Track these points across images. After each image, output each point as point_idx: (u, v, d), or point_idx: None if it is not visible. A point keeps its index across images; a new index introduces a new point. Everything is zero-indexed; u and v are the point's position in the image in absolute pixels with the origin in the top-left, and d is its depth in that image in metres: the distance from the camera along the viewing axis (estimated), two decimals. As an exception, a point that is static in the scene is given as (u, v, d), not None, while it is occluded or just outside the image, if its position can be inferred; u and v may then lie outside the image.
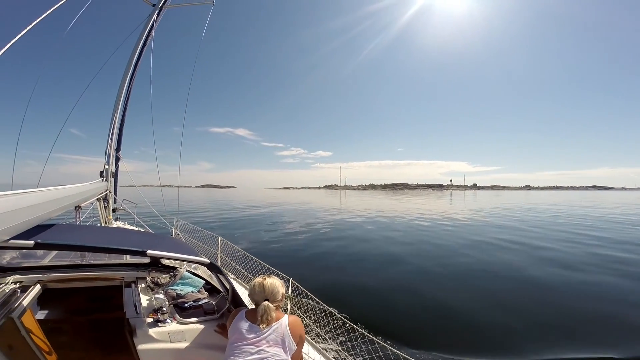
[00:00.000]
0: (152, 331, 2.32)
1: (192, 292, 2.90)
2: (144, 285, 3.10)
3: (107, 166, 5.80)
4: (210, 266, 2.39)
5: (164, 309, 2.46)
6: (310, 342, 3.16)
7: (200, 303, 2.72)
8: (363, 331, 3.33)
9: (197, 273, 3.39)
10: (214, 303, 2.73)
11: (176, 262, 3.45)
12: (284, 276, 3.96)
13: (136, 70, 6.95)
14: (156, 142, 7.77)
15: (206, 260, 2.34)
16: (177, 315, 2.51)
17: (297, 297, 4.49)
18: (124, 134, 7.00)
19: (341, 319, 3.69)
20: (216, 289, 3.13)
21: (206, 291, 3.04)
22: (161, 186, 7.40)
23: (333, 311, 3.83)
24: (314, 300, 3.95)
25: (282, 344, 1.91)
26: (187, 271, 3.30)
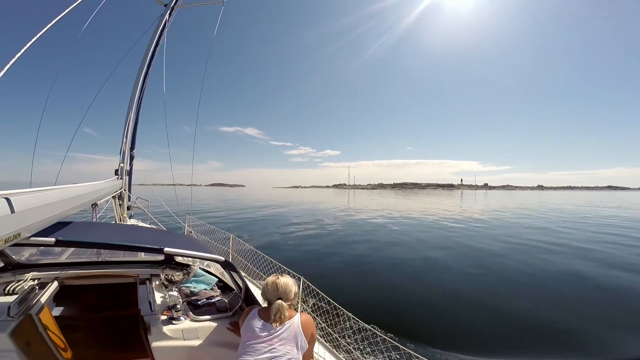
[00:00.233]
0: (166, 328, 2.34)
1: (205, 289, 2.92)
2: (157, 283, 3.13)
3: (122, 164, 5.91)
4: (225, 264, 2.39)
5: (178, 307, 2.48)
6: (320, 341, 3.14)
7: (213, 301, 2.74)
8: (376, 331, 3.29)
9: (210, 271, 3.42)
10: (226, 301, 2.74)
11: (189, 259, 3.48)
12: (295, 274, 3.96)
13: (150, 70, 7.05)
14: (165, 142, 7.89)
15: (221, 258, 2.35)
16: (190, 312, 2.53)
17: (307, 297, 4.49)
18: (137, 133, 7.12)
19: (352, 317, 3.67)
20: (229, 286, 3.14)
21: (219, 289, 3.05)
22: (175, 185, 7.50)
23: (344, 310, 3.81)
24: (325, 299, 3.94)
25: (294, 342, 1.90)
26: (200, 269, 3.33)
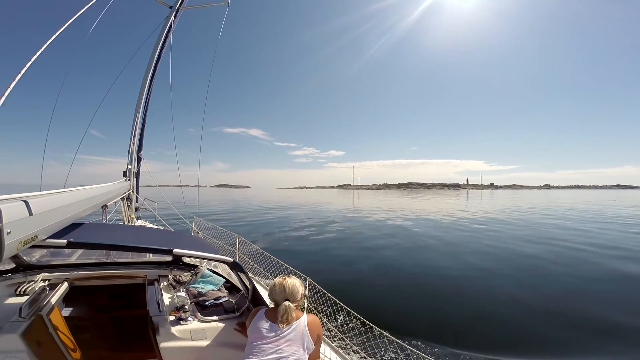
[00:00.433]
0: (174, 329, 2.36)
1: (212, 290, 2.94)
2: (166, 284, 3.16)
3: (129, 166, 5.97)
4: (233, 265, 2.41)
5: (186, 307, 2.51)
6: (327, 342, 3.15)
7: (220, 301, 2.76)
8: (383, 332, 3.29)
9: (217, 271, 3.44)
10: (234, 301, 2.75)
11: (197, 260, 3.50)
12: (301, 275, 3.97)
13: (156, 72, 7.11)
14: (170, 143, 7.97)
15: (229, 259, 2.37)
16: (198, 313, 2.54)
17: (314, 296, 4.50)
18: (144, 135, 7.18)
19: (359, 318, 3.67)
20: (236, 287, 3.16)
21: (226, 289, 3.07)
22: (182, 186, 7.56)
23: (350, 311, 3.81)
24: (331, 299, 3.95)
25: (300, 343, 1.91)
26: (208, 269, 3.35)
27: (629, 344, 5.36)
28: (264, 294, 2.67)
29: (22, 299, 2.42)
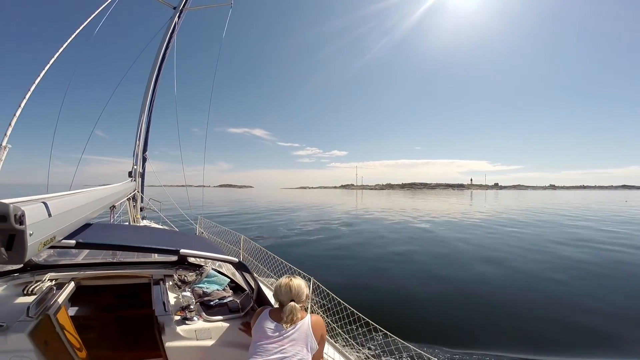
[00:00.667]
0: (179, 329, 2.37)
1: (217, 290, 2.95)
2: (171, 283, 3.17)
3: (135, 167, 6.02)
4: (239, 265, 2.42)
5: (192, 307, 2.52)
6: (330, 341, 3.15)
7: (225, 301, 2.77)
8: (386, 331, 3.29)
9: (222, 271, 3.45)
10: (238, 301, 2.76)
11: (202, 260, 3.52)
12: (305, 275, 3.98)
13: (161, 73, 7.16)
14: (174, 143, 8.02)
15: (235, 260, 2.38)
16: (203, 313, 2.56)
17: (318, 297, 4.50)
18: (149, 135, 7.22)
19: (363, 318, 3.67)
20: (240, 287, 3.16)
21: (231, 289, 3.08)
22: (186, 186, 7.62)
23: (355, 311, 3.81)
24: (335, 299, 3.95)
25: (304, 343, 1.92)
26: (213, 269, 3.37)
27: None
28: (268, 293, 2.68)
29: (30, 299, 2.44)
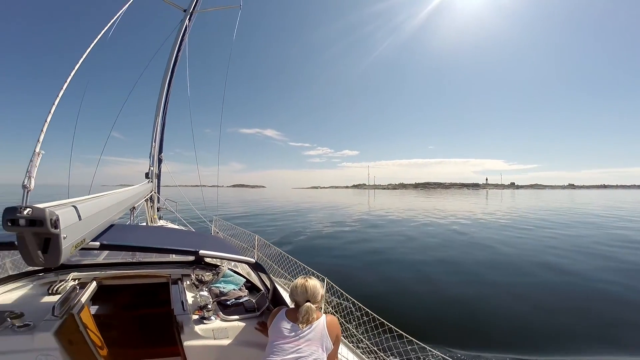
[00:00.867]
0: (198, 328, 2.40)
1: (234, 289, 2.99)
2: (188, 283, 3.23)
3: (151, 168, 6.16)
4: (255, 266, 2.44)
5: (209, 306, 2.55)
6: (344, 341, 3.14)
7: (241, 301, 2.80)
8: (402, 332, 3.26)
9: (237, 271, 3.49)
10: (254, 301, 2.79)
11: (218, 260, 3.57)
12: (319, 275, 3.99)
13: (174, 75, 7.28)
14: (188, 144, 8.15)
15: (252, 260, 2.39)
16: (220, 312, 2.59)
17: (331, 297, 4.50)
18: (164, 137, 7.37)
19: (378, 319, 3.65)
20: (255, 286, 3.19)
21: (246, 289, 3.12)
22: (201, 186, 7.74)
23: (369, 311, 3.80)
24: (349, 300, 3.95)
25: (319, 343, 1.93)
26: (229, 269, 3.41)
27: None
28: (283, 294, 2.70)
29: (55, 298, 2.52)
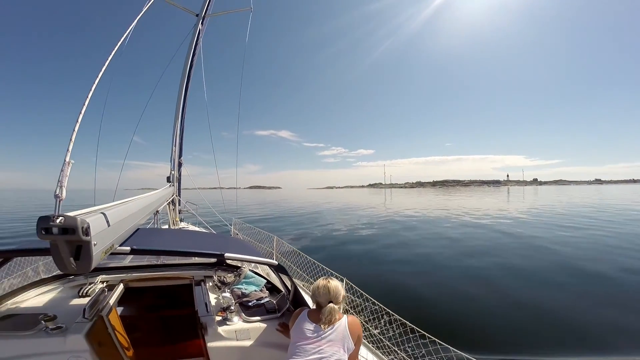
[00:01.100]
0: (221, 329, 2.43)
1: (255, 291, 3.03)
2: (211, 284, 3.29)
3: (173, 172, 6.34)
4: (278, 267, 2.45)
5: (232, 308, 2.59)
6: (364, 342, 3.12)
7: (262, 302, 2.83)
8: (424, 332, 3.20)
9: (258, 272, 3.53)
10: (275, 302, 2.81)
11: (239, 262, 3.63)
12: (338, 276, 3.99)
13: (190, 79, 7.43)
14: (206, 147, 8.34)
15: (275, 262, 2.41)
16: (242, 313, 2.62)
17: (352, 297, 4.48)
18: (183, 141, 7.57)
19: (399, 319, 3.60)
20: (276, 287, 3.21)
21: (267, 290, 3.15)
22: (220, 188, 7.89)
23: (390, 311, 3.75)
24: (369, 300, 3.92)
25: (341, 343, 1.93)
26: (250, 270, 3.46)
27: None
28: (303, 294, 2.70)
29: (84, 300, 2.60)
